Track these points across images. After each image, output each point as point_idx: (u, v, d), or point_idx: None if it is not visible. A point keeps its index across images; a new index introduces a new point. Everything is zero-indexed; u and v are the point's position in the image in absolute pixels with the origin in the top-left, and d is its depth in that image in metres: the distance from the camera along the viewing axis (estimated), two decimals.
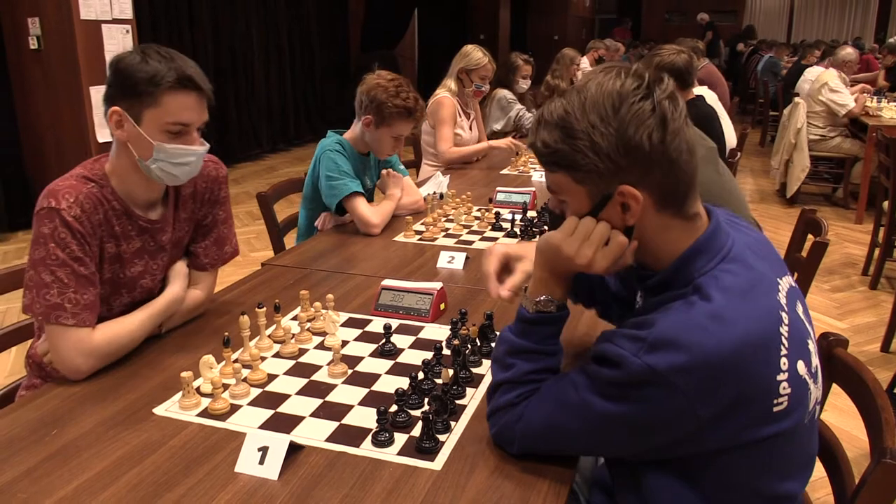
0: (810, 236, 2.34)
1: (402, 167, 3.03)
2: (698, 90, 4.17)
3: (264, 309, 1.69)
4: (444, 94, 4.04)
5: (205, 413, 1.43)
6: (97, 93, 5.28)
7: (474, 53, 4.11)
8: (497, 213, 2.78)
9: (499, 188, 3.13)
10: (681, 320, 1.06)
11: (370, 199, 2.80)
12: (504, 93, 5.07)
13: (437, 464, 1.26)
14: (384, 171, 2.92)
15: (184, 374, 1.44)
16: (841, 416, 2.93)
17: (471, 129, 4.23)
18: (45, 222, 1.55)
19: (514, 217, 2.73)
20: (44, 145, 5.59)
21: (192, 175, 1.69)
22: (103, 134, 5.33)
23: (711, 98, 4.41)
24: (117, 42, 5.38)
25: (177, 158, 1.62)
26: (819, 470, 1.32)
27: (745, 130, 4.72)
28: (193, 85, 1.57)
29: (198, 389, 1.50)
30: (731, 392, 1.04)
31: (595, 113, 1.10)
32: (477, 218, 2.83)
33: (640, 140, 1.09)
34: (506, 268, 1.48)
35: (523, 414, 1.22)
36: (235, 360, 1.59)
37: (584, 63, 6.13)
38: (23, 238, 5.63)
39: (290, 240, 2.95)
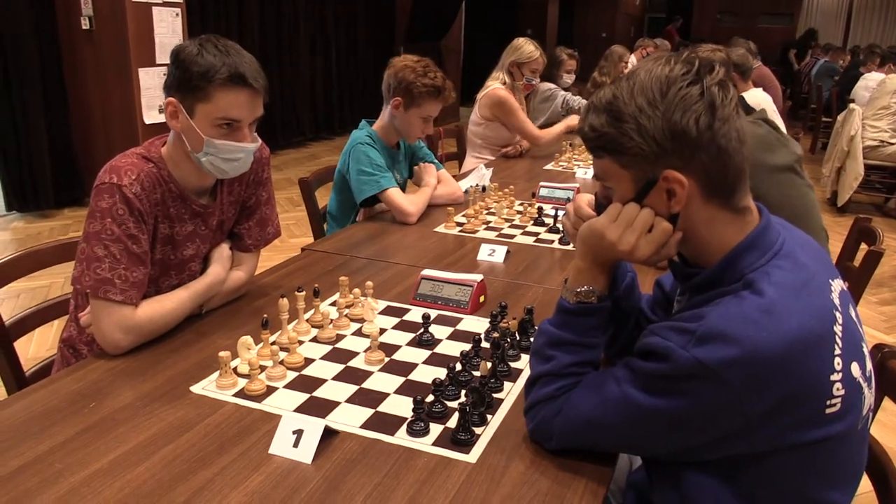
0: (863, 245, 2.29)
1: (434, 160, 3.03)
2: (752, 92, 4.09)
3: (304, 293, 1.69)
4: (498, 86, 4.01)
5: (241, 393, 1.43)
6: (146, 74, 5.35)
7: (526, 47, 4.07)
8: (539, 209, 2.76)
9: (542, 183, 3.11)
10: (731, 313, 1.03)
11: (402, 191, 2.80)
12: (546, 85, 5.03)
13: (472, 456, 1.25)
14: (417, 167, 2.92)
15: (222, 353, 1.44)
16: (883, 430, 2.86)
17: None
18: (104, 197, 1.57)
19: (556, 213, 2.71)
20: (92, 125, 5.68)
21: (242, 171, 1.71)
22: (150, 115, 5.40)
23: (765, 100, 4.32)
24: (167, 24, 5.45)
25: (226, 154, 1.63)
26: (865, 484, 1.28)
27: (796, 135, 4.63)
28: (245, 82, 1.57)
29: (235, 370, 1.50)
30: (782, 390, 1.01)
31: (642, 97, 1.10)
32: (519, 212, 2.81)
33: (687, 124, 1.07)
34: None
35: (562, 408, 1.21)
36: (273, 343, 1.60)
37: (633, 60, 6.06)
38: (69, 215, 5.73)
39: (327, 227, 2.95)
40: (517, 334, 1.66)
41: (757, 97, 4.18)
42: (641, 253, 1.16)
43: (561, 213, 2.75)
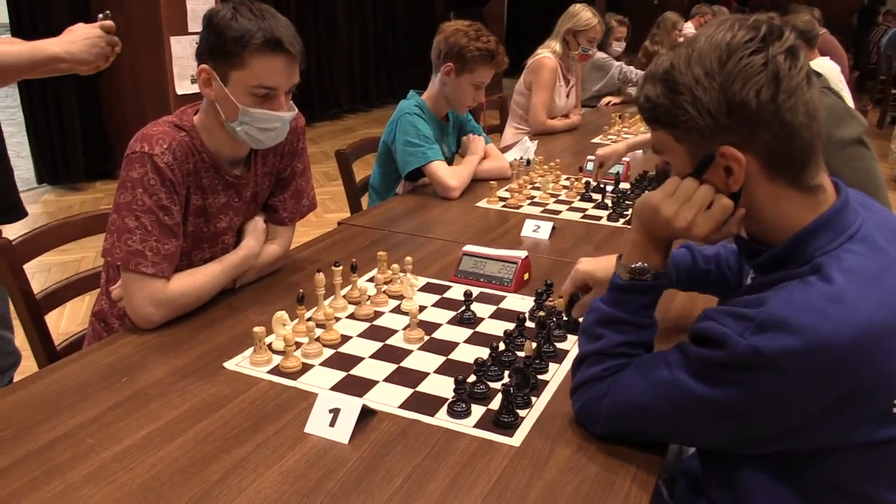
0: None
1: (483, 133, 3.01)
2: (818, 61, 3.99)
3: (340, 268, 1.70)
4: (548, 55, 3.95)
5: (276, 370, 1.44)
6: (178, 43, 5.39)
7: (583, 13, 4.00)
8: (587, 183, 2.73)
9: (590, 157, 3.06)
10: (795, 300, 1.00)
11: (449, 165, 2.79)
12: (600, 54, 4.96)
13: (516, 439, 1.24)
14: (465, 138, 2.90)
15: (256, 329, 1.45)
16: None
17: (567, 96, 4.14)
18: (135, 166, 1.58)
19: (605, 188, 2.67)
20: (122, 96, 5.75)
21: (278, 141, 1.71)
22: (183, 86, 5.45)
23: (832, 70, 4.21)
24: None
25: (262, 123, 1.63)
26: None
27: (864, 108, 4.52)
28: (282, 48, 1.56)
29: (269, 346, 1.51)
30: (845, 384, 0.98)
31: (700, 66, 1.06)
32: (565, 187, 2.78)
33: (747, 97, 1.04)
34: (585, 288, 1.59)
35: (610, 390, 1.19)
36: (309, 319, 1.60)
37: (689, 28, 5.93)
38: (100, 188, 5.83)
39: (366, 201, 2.96)
40: (564, 314, 1.65)
41: (824, 66, 4.07)
42: (699, 230, 1.13)
43: (609, 188, 2.71)
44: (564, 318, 1.63)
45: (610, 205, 2.56)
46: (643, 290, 1.22)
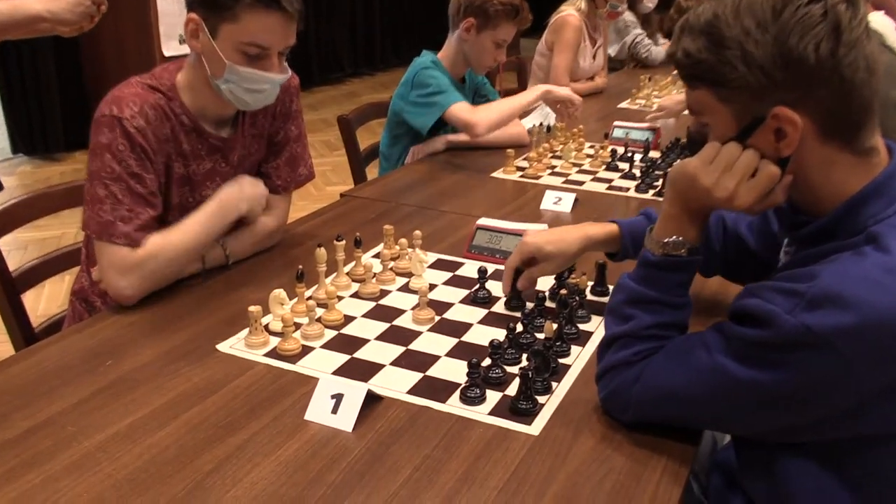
0: None
1: (498, 98, 2.99)
2: (872, 16, 3.94)
3: (343, 242, 1.69)
4: (572, 13, 3.92)
5: (273, 353, 1.44)
6: (163, 1, 5.37)
7: None
8: (613, 152, 2.71)
9: (616, 123, 3.05)
10: (849, 273, 0.99)
11: None
12: (628, 14, 4.92)
13: (535, 428, 1.24)
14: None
15: (252, 308, 1.45)
16: None
17: (594, 57, 4.11)
18: (104, 131, 1.57)
19: (632, 156, 2.65)
20: (105, 60, 5.74)
21: (267, 103, 1.70)
22: (170, 47, 5.43)
23: (888, 25, 4.15)
24: None
25: (249, 83, 1.62)
26: None
27: None
28: (278, 4, 1.55)
29: (266, 327, 1.51)
30: None
31: (751, 17, 1.04)
32: (589, 156, 2.77)
33: (805, 51, 1.02)
34: (531, 261, 1.61)
35: (641, 374, 1.19)
36: (309, 298, 1.60)
37: None
38: (80, 159, 5.84)
39: (371, 172, 2.95)
40: (587, 292, 1.64)
41: (879, 22, 4.01)
42: (742, 201, 1.11)
43: (637, 156, 2.70)
44: (588, 297, 1.62)
45: (638, 175, 2.54)
46: (677, 266, 1.21)
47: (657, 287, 1.21)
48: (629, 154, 2.71)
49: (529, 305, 1.61)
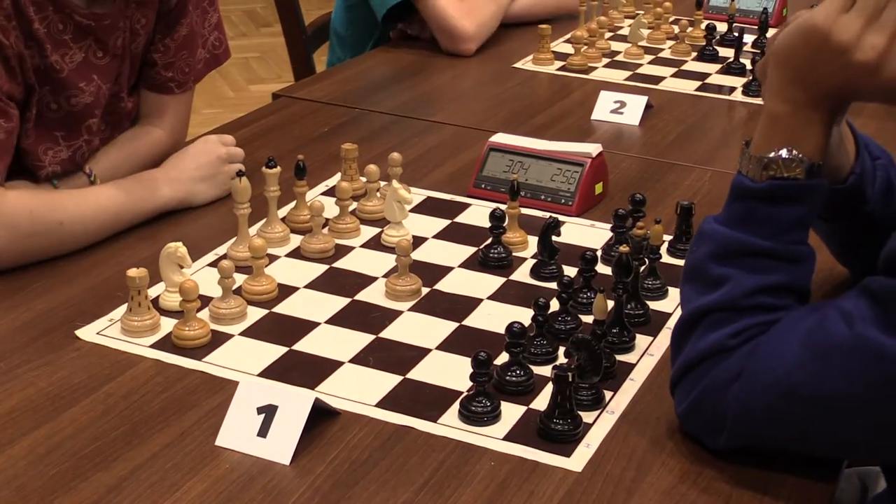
0: None
1: None
2: None
3: (277, 171, 1.70)
4: None
5: (166, 342, 1.46)
6: None
7: None
8: (710, 29, 2.71)
9: None
10: None
11: None
12: None
13: (577, 461, 1.26)
14: None
15: (132, 272, 1.47)
16: None
17: None
18: None
19: (741, 37, 2.65)
20: None
21: None
22: None
23: None
24: None
25: None
26: None
27: None
28: None
29: (154, 301, 1.53)
30: None
31: None
32: (671, 37, 2.78)
33: None
34: None
35: (745, 367, 1.20)
36: (223, 256, 1.62)
37: None
38: None
39: (321, 60, 2.96)
40: (663, 250, 1.66)
41: None
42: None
43: (748, 38, 2.70)
44: (662, 257, 1.64)
45: (749, 68, 2.55)
46: (792, 196, 1.23)
47: (763, 230, 1.23)
48: (735, 34, 2.71)
49: (571, 271, 1.62)
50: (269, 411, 1.28)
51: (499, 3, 2.76)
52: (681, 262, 1.67)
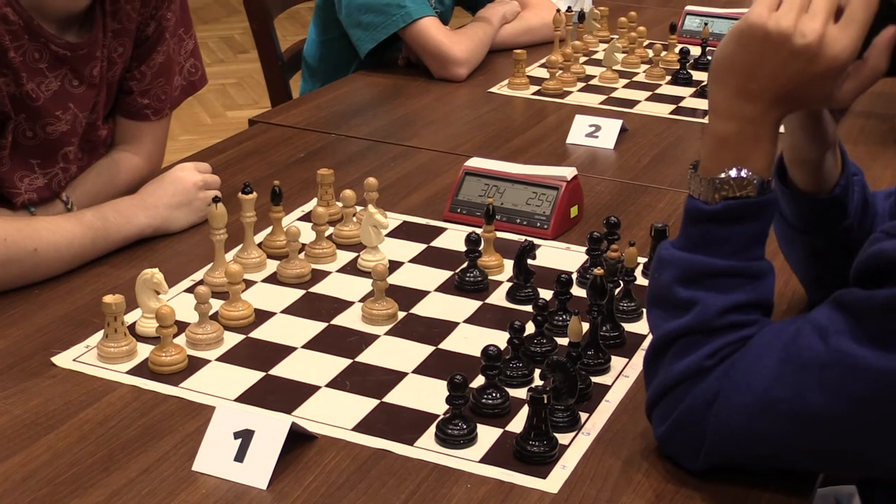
0: None
1: None
2: None
3: (253, 196, 1.71)
4: None
5: (142, 369, 1.46)
6: None
7: None
8: (684, 53, 2.73)
9: (689, 8, 3.07)
10: None
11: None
12: None
13: (553, 483, 1.26)
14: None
15: (108, 298, 1.47)
16: None
17: None
18: None
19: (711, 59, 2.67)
20: None
21: None
22: None
23: None
24: None
25: None
26: None
27: None
28: None
29: (131, 328, 1.53)
30: None
31: None
32: (646, 61, 2.80)
33: None
34: None
35: (723, 386, 1.21)
36: (200, 282, 1.62)
37: None
38: None
39: (298, 87, 2.97)
40: (638, 271, 1.67)
41: None
42: (838, 46, 1.16)
43: None
44: (636, 279, 1.65)
45: None
46: (746, 213, 1.24)
47: (722, 250, 1.24)
48: (709, 57, 2.73)
49: (546, 294, 1.63)
50: (245, 436, 1.28)
51: (486, 30, 2.79)
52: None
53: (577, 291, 1.64)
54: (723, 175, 1.23)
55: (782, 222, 1.49)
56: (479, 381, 1.40)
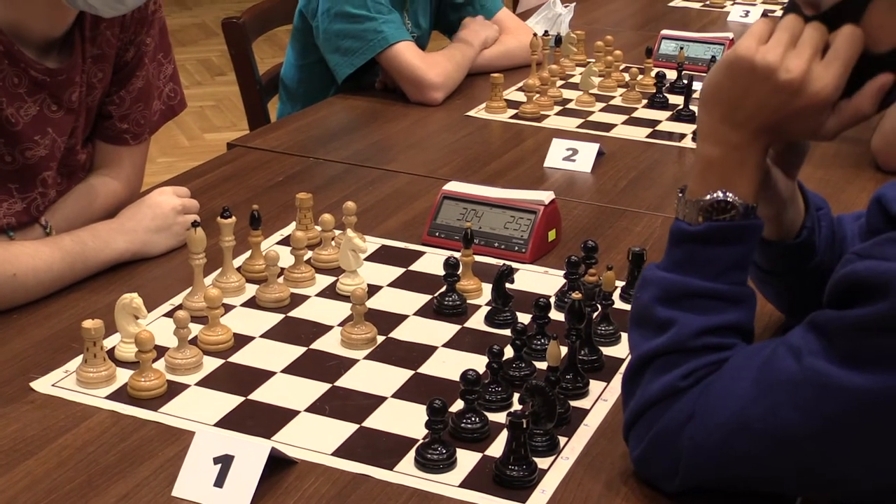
0: None
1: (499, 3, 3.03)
2: None
3: (232, 220, 1.71)
4: None
5: (122, 394, 1.46)
6: None
7: None
8: (660, 76, 2.74)
9: (665, 32, 3.08)
10: None
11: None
12: None
13: None
14: (466, 21, 2.92)
15: (87, 323, 1.46)
16: None
17: None
18: None
19: (691, 84, 2.68)
20: None
21: (125, 11, 1.72)
22: None
23: None
24: None
25: None
26: None
27: None
28: None
29: (110, 353, 1.53)
30: None
31: None
32: (622, 84, 2.81)
33: None
34: None
35: (698, 407, 1.21)
36: (179, 307, 1.62)
37: None
38: None
39: (276, 110, 2.97)
40: (616, 295, 1.67)
41: None
42: (820, 83, 1.18)
43: (698, 85, 2.72)
44: (614, 303, 1.66)
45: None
46: (729, 236, 1.25)
47: (704, 272, 1.25)
48: (685, 81, 2.74)
49: (525, 318, 1.64)
50: (225, 461, 1.27)
51: (464, 53, 2.80)
52: None
53: (556, 315, 1.65)
54: (707, 197, 1.25)
55: (752, 265, 1.50)
56: (458, 405, 1.40)
